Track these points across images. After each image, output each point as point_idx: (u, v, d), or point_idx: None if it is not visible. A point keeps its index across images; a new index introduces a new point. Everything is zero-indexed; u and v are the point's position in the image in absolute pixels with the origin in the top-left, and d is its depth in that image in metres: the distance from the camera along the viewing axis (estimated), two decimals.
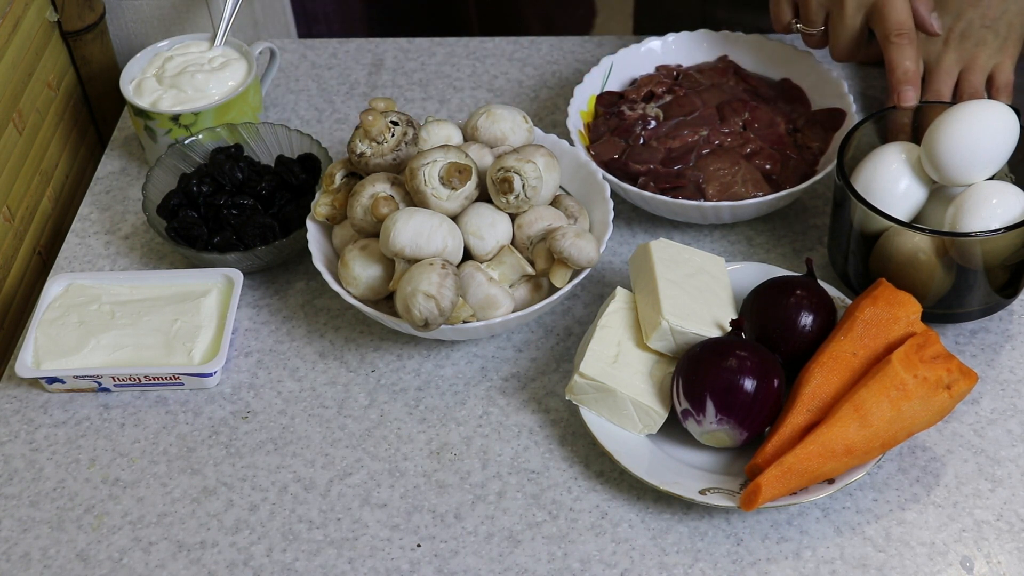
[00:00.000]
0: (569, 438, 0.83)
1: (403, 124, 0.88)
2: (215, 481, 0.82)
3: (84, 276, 0.93)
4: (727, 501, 0.76)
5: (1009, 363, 0.87)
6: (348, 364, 0.89)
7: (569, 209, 0.90)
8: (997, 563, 0.75)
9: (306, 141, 1.00)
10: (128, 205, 1.04)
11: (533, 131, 0.94)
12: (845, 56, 0.99)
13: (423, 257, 0.82)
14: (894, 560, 0.76)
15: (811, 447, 0.75)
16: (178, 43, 1.08)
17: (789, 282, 0.84)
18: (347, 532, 0.79)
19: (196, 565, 0.77)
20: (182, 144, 1.00)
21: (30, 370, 0.86)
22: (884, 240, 0.84)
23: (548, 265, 0.85)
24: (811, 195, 1.00)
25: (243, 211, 0.95)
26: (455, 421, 0.85)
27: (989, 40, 1.00)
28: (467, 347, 0.90)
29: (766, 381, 0.77)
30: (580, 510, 0.79)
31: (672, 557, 0.76)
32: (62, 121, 1.12)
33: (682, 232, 0.98)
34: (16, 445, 0.85)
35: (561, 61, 1.16)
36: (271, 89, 1.15)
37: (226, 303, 0.91)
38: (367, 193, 0.86)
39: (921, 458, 0.81)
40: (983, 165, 0.83)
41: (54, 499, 0.82)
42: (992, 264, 0.83)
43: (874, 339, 0.79)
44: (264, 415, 0.86)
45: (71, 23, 1.12)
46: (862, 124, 0.89)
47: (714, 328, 0.81)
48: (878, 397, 0.75)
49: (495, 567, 0.76)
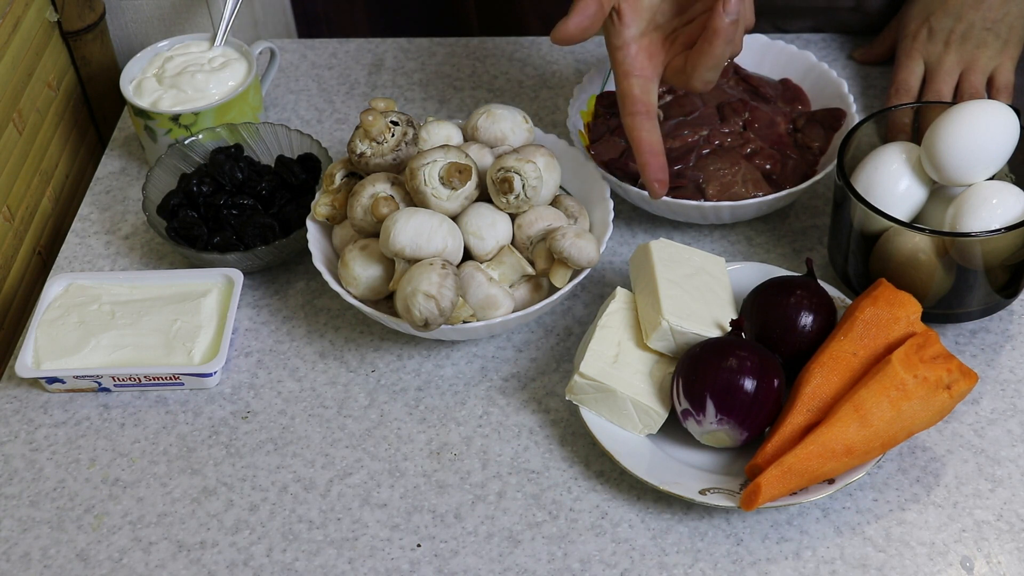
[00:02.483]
0: (569, 438, 0.83)
1: (403, 124, 0.88)
2: (215, 481, 0.82)
3: (84, 276, 0.93)
4: (727, 501, 0.76)
5: (1009, 363, 0.87)
6: (348, 364, 0.89)
7: (569, 209, 0.90)
8: (997, 563, 0.75)
9: (306, 141, 1.00)
10: (128, 205, 1.04)
11: (533, 131, 0.94)
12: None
13: (423, 257, 0.82)
14: (894, 560, 0.76)
15: (811, 447, 0.75)
16: (178, 43, 1.08)
17: (789, 282, 0.84)
18: (347, 532, 0.79)
19: (196, 565, 0.77)
20: (182, 144, 1.00)
21: (30, 370, 0.86)
22: (884, 240, 0.84)
23: (548, 265, 0.85)
24: (811, 195, 1.00)
25: (243, 211, 0.95)
26: (455, 421, 0.85)
27: (990, 42, 1.01)
28: (467, 347, 0.90)
29: (766, 381, 0.77)
30: (580, 510, 0.79)
31: (672, 557, 0.76)
32: (62, 121, 1.12)
33: (682, 232, 0.98)
34: (16, 445, 0.85)
35: (561, 61, 1.16)
36: (271, 89, 1.15)
37: (226, 303, 0.91)
38: (367, 193, 0.86)
39: (921, 458, 0.81)
40: (983, 165, 0.83)
41: (54, 499, 0.82)
42: (992, 264, 0.83)
43: (874, 339, 0.79)
44: (264, 415, 0.86)
45: (71, 23, 1.12)
46: (862, 124, 0.89)
47: (714, 328, 0.81)
48: (878, 397, 0.75)
49: (495, 567, 0.76)
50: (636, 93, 0.87)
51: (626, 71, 0.87)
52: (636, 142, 0.88)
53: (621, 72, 0.87)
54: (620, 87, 0.88)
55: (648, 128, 0.87)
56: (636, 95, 0.87)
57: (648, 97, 0.87)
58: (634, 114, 0.87)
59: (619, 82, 0.88)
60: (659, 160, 0.88)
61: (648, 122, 0.87)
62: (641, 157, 0.88)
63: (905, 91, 1.02)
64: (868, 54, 1.12)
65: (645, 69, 0.87)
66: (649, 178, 0.88)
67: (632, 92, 0.87)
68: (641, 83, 0.87)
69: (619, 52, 0.87)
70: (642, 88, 0.87)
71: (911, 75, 1.03)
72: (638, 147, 0.88)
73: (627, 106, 0.88)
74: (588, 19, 0.84)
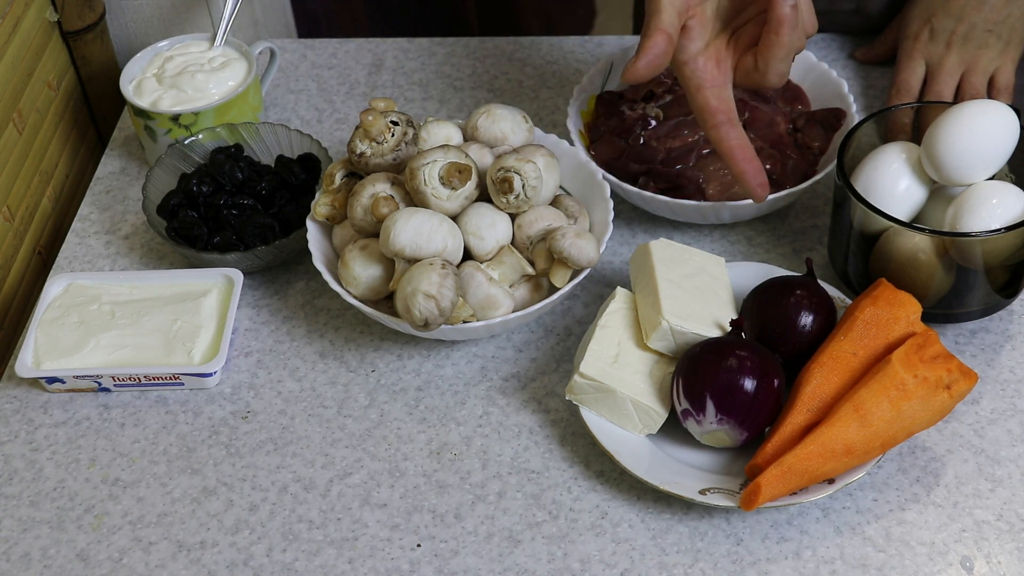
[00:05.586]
0: (569, 438, 0.83)
1: (403, 124, 0.88)
2: (215, 481, 0.82)
3: (84, 276, 0.93)
4: (727, 501, 0.76)
5: (1009, 363, 0.87)
6: (348, 364, 0.89)
7: (569, 209, 0.90)
8: (997, 563, 0.75)
9: (306, 141, 1.00)
10: (128, 205, 1.04)
11: (533, 131, 0.94)
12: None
13: (423, 257, 0.82)
14: (894, 560, 0.76)
15: (811, 447, 0.75)
16: (178, 43, 1.08)
17: (789, 282, 0.84)
18: (347, 532, 0.79)
19: (196, 565, 0.77)
20: (182, 144, 1.00)
21: (30, 370, 0.86)
22: (884, 240, 0.84)
23: (548, 265, 0.85)
24: (811, 195, 1.00)
25: (243, 211, 0.95)
26: (455, 421, 0.85)
27: (991, 43, 1.01)
28: (467, 347, 0.90)
29: (766, 381, 0.77)
30: (580, 510, 0.79)
31: (672, 557, 0.76)
32: (62, 121, 1.12)
33: (682, 232, 0.98)
34: (16, 445, 0.85)
35: (561, 61, 1.16)
36: (271, 89, 1.15)
37: (226, 303, 0.91)
38: (367, 193, 0.86)
39: (921, 458, 0.81)
40: (983, 165, 0.83)
41: (54, 499, 0.82)
42: (992, 264, 0.83)
43: (874, 339, 0.79)
44: (264, 415, 0.86)
45: (71, 23, 1.12)
46: (862, 124, 0.89)
47: (714, 328, 0.81)
48: (878, 397, 0.75)
49: (495, 567, 0.76)
50: (714, 104, 0.85)
51: (698, 84, 0.85)
52: (728, 152, 0.86)
53: (693, 86, 0.85)
54: (695, 101, 0.86)
55: (736, 136, 0.85)
56: (714, 106, 0.85)
57: (726, 105, 0.85)
58: (718, 125, 0.85)
59: (693, 96, 0.86)
60: (755, 165, 0.86)
61: (734, 130, 0.86)
62: (737, 166, 0.86)
63: (906, 91, 1.02)
64: (869, 54, 1.12)
65: (716, 78, 0.85)
66: (751, 184, 0.86)
67: (709, 104, 0.85)
68: (716, 92, 0.85)
69: (687, 67, 0.85)
70: (718, 97, 0.85)
71: (912, 76, 1.03)
72: (731, 156, 0.86)
73: (708, 119, 0.85)
74: (658, 57, 0.82)
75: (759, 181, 0.86)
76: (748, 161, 0.86)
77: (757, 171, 0.86)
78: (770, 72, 0.84)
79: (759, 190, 0.87)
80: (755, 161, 0.86)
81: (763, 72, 0.84)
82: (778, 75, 0.84)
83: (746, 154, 0.86)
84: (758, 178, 0.86)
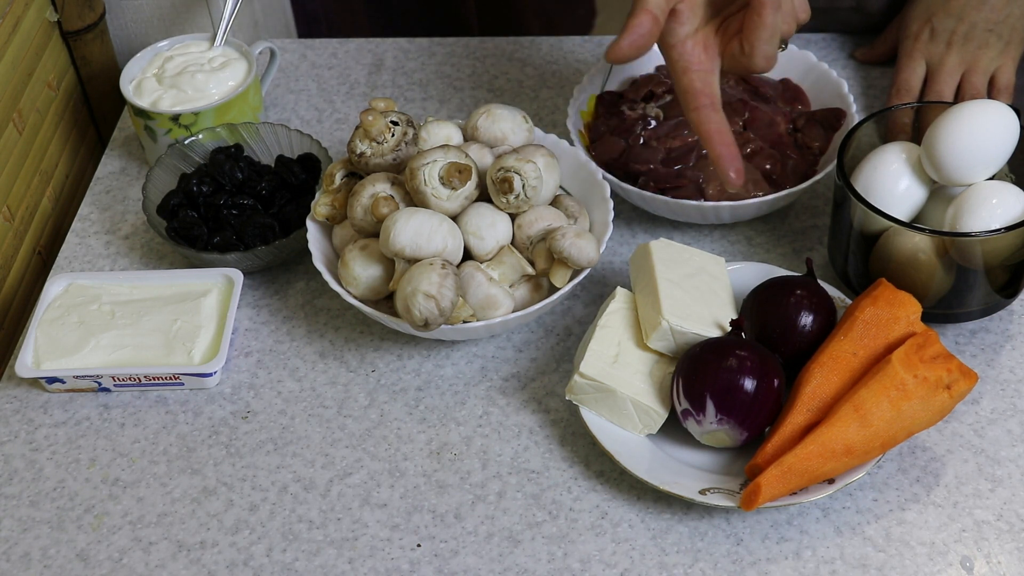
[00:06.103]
0: (569, 438, 0.83)
1: (403, 124, 0.88)
2: (215, 481, 0.82)
3: (84, 276, 0.93)
4: (727, 501, 0.76)
5: (1009, 363, 0.87)
6: (348, 364, 0.89)
7: (569, 209, 0.90)
8: (997, 563, 0.75)
9: (306, 141, 1.00)
10: (128, 205, 1.04)
11: (533, 131, 0.94)
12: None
13: (423, 257, 0.82)
14: (894, 560, 0.76)
15: (811, 447, 0.75)
16: (178, 43, 1.08)
17: (789, 282, 0.84)
18: (347, 532, 0.79)
19: (196, 565, 0.77)
20: (182, 144, 1.00)
21: (30, 370, 0.86)
22: (884, 240, 0.84)
23: (548, 265, 0.85)
24: (811, 195, 1.00)
25: (243, 211, 0.95)
26: (455, 421, 0.85)
27: (992, 43, 1.01)
28: (467, 347, 0.90)
29: (766, 381, 0.77)
30: (580, 510, 0.79)
31: (672, 557, 0.76)
32: (62, 121, 1.12)
33: (682, 232, 0.98)
34: (16, 445, 0.85)
35: (561, 61, 1.16)
36: (271, 89, 1.15)
37: (226, 303, 0.91)
38: (367, 193, 0.86)
39: (921, 458, 0.81)
40: (983, 165, 0.83)
41: (54, 499, 0.82)
42: (992, 264, 0.83)
43: (874, 339, 0.79)
44: (264, 415, 0.86)
45: (71, 23, 1.12)
46: (862, 124, 0.89)
47: (714, 328, 0.81)
48: (878, 397, 0.75)
49: (495, 567, 0.76)
50: (698, 87, 0.85)
51: (684, 67, 0.86)
52: (706, 135, 0.86)
53: (679, 69, 0.86)
54: (680, 83, 0.86)
55: (716, 120, 0.86)
56: (698, 88, 0.85)
57: (710, 89, 0.86)
58: (699, 108, 0.86)
59: (678, 79, 0.86)
60: (732, 150, 0.86)
61: (715, 114, 0.86)
62: (714, 149, 0.86)
63: (906, 91, 1.02)
64: (869, 54, 1.12)
65: (703, 63, 0.85)
66: (725, 168, 0.86)
67: (693, 86, 0.85)
68: (701, 76, 0.86)
69: (674, 50, 0.85)
70: (703, 81, 0.86)
71: (912, 75, 1.03)
72: (709, 139, 0.86)
73: (690, 101, 0.86)
74: (643, 37, 0.82)
75: (735, 166, 0.86)
76: (725, 145, 0.86)
77: (733, 156, 0.86)
78: (756, 55, 0.84)
79: (734, 175, 0.86)
80: (732, 147, 0.86)
81: (749, 55, 0.84)
82: (764, 58, 0.84)
83: (724, 139, 0.86)
84: (734, 163, 0.86)
